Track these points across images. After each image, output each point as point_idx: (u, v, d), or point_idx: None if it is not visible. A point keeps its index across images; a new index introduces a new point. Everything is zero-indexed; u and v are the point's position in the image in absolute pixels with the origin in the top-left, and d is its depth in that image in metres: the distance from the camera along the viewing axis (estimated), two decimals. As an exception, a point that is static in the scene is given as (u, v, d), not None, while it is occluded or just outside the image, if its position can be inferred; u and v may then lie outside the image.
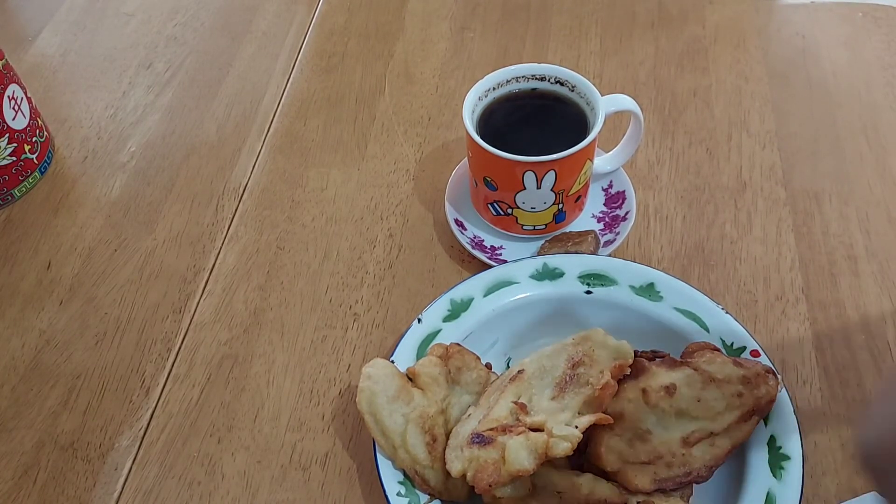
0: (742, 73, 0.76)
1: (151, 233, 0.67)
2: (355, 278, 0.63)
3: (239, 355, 0.59)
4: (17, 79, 0.68)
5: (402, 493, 0.47)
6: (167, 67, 0.82)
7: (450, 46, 0.82)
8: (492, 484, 0.44)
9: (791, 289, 0.60)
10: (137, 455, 0.54)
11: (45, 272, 0.65)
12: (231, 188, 0.70)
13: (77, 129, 0.76)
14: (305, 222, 0.67)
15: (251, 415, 0.56)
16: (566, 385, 0.47)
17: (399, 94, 0.77)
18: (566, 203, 0.61)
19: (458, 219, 0.64)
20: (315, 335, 0.60)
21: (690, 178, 0.68)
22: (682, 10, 0.83)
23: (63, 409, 0.57)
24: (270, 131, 0.75)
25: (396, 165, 0.71)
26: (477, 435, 0.45)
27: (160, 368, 0.59)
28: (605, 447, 0.46)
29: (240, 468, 0.53)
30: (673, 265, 0.62)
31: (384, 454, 0.48)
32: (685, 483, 0.46)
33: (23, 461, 0.54)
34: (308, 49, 0.83)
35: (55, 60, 0.83)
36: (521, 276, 0.56)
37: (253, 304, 0.62)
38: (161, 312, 0.62)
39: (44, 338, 0.61)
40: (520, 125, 0.61)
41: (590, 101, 0.59)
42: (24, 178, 0.70)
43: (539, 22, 0.83)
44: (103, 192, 0.71)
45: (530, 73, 0.61)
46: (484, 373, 0.51)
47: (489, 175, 0.59)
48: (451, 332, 0.54)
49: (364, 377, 0.49)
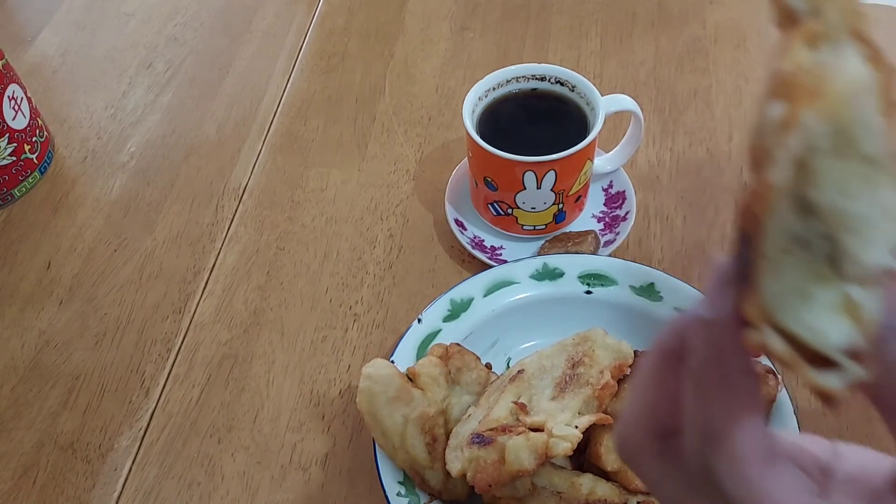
0: (742, 73, 0.76)
1: (151, 233, 0.67)
2: (355, 278, 0.63)
3: (239, 355, 0.59)
4: (17, 79, 0.68)
5: (402, 493, 0.47)
6: (167, 67, 0.82)
7: (450, 46, 0.82)
8: (492, 484, 0.44)
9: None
10: (137, 455, 0.54)
11: (45, 272, 0.65)
12: (231, 188, 0.70)
13: (77, 129, 0.76)
14: (305, 222, 0.67)
15: (251, 415, 0.56)
16: (566, 385, 0.47)
17: (399, 94, 0.77)
18: (566, 203, 0.61)
19: (459, 219, 0.64)
20: (315, 335, 0.60)
21: (691, 178, 0.68)
22: (682, 11, 0.83)
23: (63, 409, 0.57)
24: (270, 131, 0.75)
25: (396, 165, 0.71)
26: (477, 435, 0.45)
27: (160, 368, 0.59)
28: (605, 447, 0.46)
29: (240, 468, 0.53)
30: (673, 265, 0.62)
31: (384, 454, 0.48)
32: (685, 483, 0.46)
33: (23, 461, 0.54)
34: (308, 49, 0.83)
35: (55, 60, 0.83)
36: (521, 276, 0.56)
37: (253, 305, 0.62)
38: (161, 312, 0.62)
39: (44, 338, 0.61)
40: (520, 125, 0.61)
41: (590, 101, 0.59)
42: (24, 178, 0.70)
43: (539, 22, 0.83)
44: (103, 192, 0.71)
45: (530, 73, 0.61)
46: (484, 373, 0.51)
47: (489, 175, 0.59)
48: (451, 332, 0.54)
49: (364, 377, 0.49)
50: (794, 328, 0.18)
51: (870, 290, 0.18)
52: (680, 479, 0.25)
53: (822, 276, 0.17)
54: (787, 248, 0.18)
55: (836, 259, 0.17)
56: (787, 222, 0.17)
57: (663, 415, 0.25)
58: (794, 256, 0.18)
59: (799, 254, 0.17)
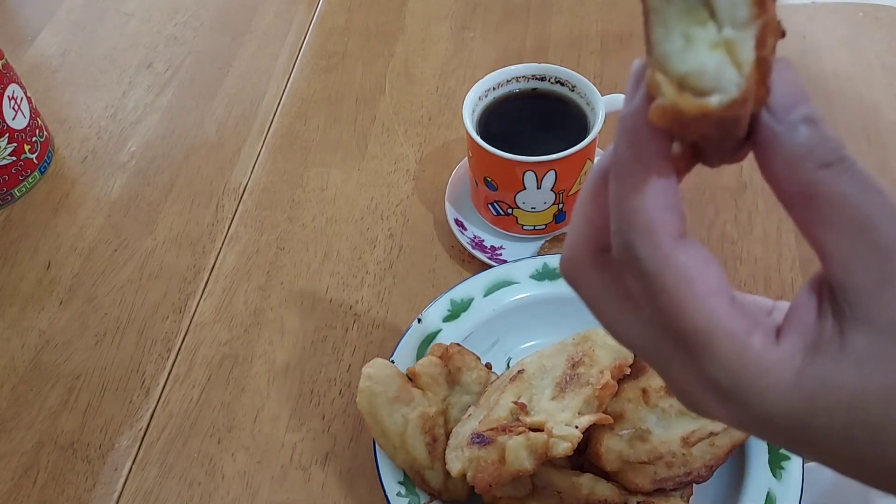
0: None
1: (151, 233, 0.67)
2: (355, 278, 0.63)
3: (239, 355, 0.59)
4: (17, 79, 0.68)
5: (402, 493, 0.47)
6: (167, 67, 0.82)
7: (450, 46, 0.82)
8: (492, 484, 0.44)
9: (792, 289, 0.60)
10: (137, 455, 0.54)
11: (45, 272, 0.65)
12: (231, 188, 0.70)
13: (77, 129, 0.76)
14: (305, 222, 0.67)
15: (251, 415, 0.56)
16: (566, 385, 0.47)
17: (399, 93, 0.77)
18: (566, 203, 0.61)
19: (459, 219, 0.64)
20: (315, 335, 0.60)
21: (690, 178, 0.67)
22: (682, 10, 0.83)
23: (63, 409, 0.57)
24: (270, 131, 0.75)
25: (397, 165, 0.71)
26: (477, 435, 0.45)
27: (160, 368, 0.59)
28: (605, 447, 0.46)
29: (240, 468, 0.53)
30: (673, 265, 0.61)
31: (384, 454, 0.48)
32: (685, 483, 0.46)
33: (23, 461, 0.54)
34: (308, 49, 0.83)
35: (55, 60, 0.83)
36: (521, 276, 0.56)
37: (253, 304, 0.62)
38: (161, 312, 0.62)
39: (44, 338, 0.61)
40: (520, 125, 0.61)
41: (590, 101, 0.59)
42: (23, 178, 0.70)
43: (539, 22, 0.83)
44: (103, 192, 0.71)
45: (530, 73, 0.61)
46: (484, 373, 0.51)
47: (489, 175, 0.59)
48: (451, 332, 0.54)
49: (364, 377, 0.49)
50: (679, 68, 0.20)
51: (744, 31, 0.20)
52: (615, 291, 0.26)
53: (700, 20, 0.20)
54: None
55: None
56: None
57: (602, 232, 0.26)
58: (674, 3, 0.20)
59: (678, 1, 0.20)
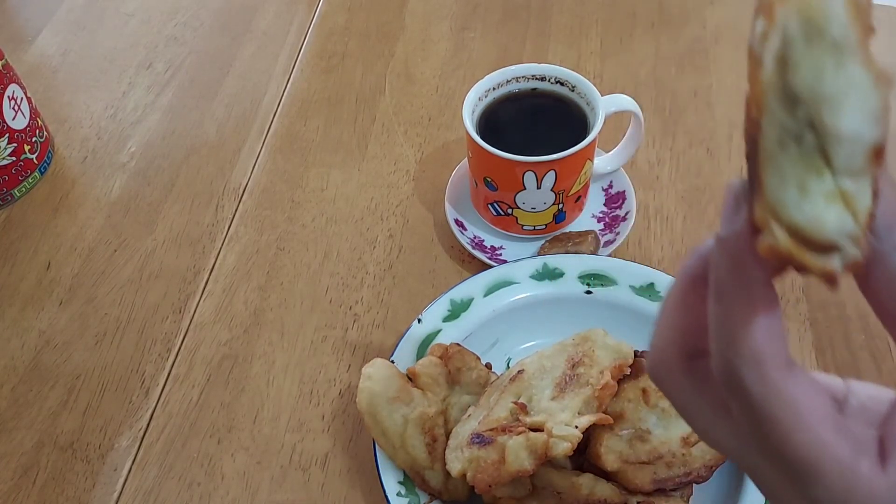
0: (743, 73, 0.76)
1: (151, 233, 0.67)
2: (355, 279, 0.63)
3: (239, 356, 0.59)
4: (17, 79, 0.68)
5: (402, 494, 0.47)
6: (167, 67, 0.82)
7: (450, 46, 0.82)
8: (492, 484, 0.44)
9: (791, 289, 0.60)
10: (137, 455, 0.54)
11: (45, 272, 0.65)
12: (231, 188, 0.70)
13: (77, 129, 0.76)
14: (305, 222, 0.67)
15: (251, 415, 0.56)
16: (566, 385, 0.47)
17: (399, 94, 0.77)
18: (566, 203, 0.61)
19: (459, 219, 0.64)
20: (315, 335, 0.60)
21: (691, 178, 0.68)
22: (682, 11, 0.83)
23: (63, 409, 0.57)
24: (270, 131, 0.75)
25: (397, 166, 0.71)
26: (477, 435, 0.45)
27: (160, 369, 0.59)
28: (605, 447, 0.46)
29: (239, 469, 0.53)
30: (673, 265, 0.62)
31: (384, 454, 0.48)
32: (685, 483, 0.46)
33: (22, 461, 0.54)
34: (308, 49, 0.83)
35: (55, 60, 0.83)
36: (521, 276, 0.56)
37: (253, 305, 0.62)
38: (161, 312, 0.62)
39: (44, 338, 0.61)
40: (520, 125, 0.61)
41: (590, 101, 0.59)
42: (23, 178, 0.70)
43: (539, 22, 0.83)
44: (103, 192, 0.71)
45: (530, 73, 0.61)
46: (484, 373, 0.51)
47: (489, 175, 0.59)
48: (451, 332, 0.54)
49: (364, 377, 0.49)
50: (795, 218, 0.20)
51: (860, 181, 0.20)
52: (707, 399, 0.26)
53: (816, 169, 0.20)
54: (782, 140, 0.20)
55: (826, 148, 0.20)
56: (778, 115, 0.20)
57: (691, 337, 0.26)
58: (789, 151, 0.20)
59: (793, 148, 0.20)
